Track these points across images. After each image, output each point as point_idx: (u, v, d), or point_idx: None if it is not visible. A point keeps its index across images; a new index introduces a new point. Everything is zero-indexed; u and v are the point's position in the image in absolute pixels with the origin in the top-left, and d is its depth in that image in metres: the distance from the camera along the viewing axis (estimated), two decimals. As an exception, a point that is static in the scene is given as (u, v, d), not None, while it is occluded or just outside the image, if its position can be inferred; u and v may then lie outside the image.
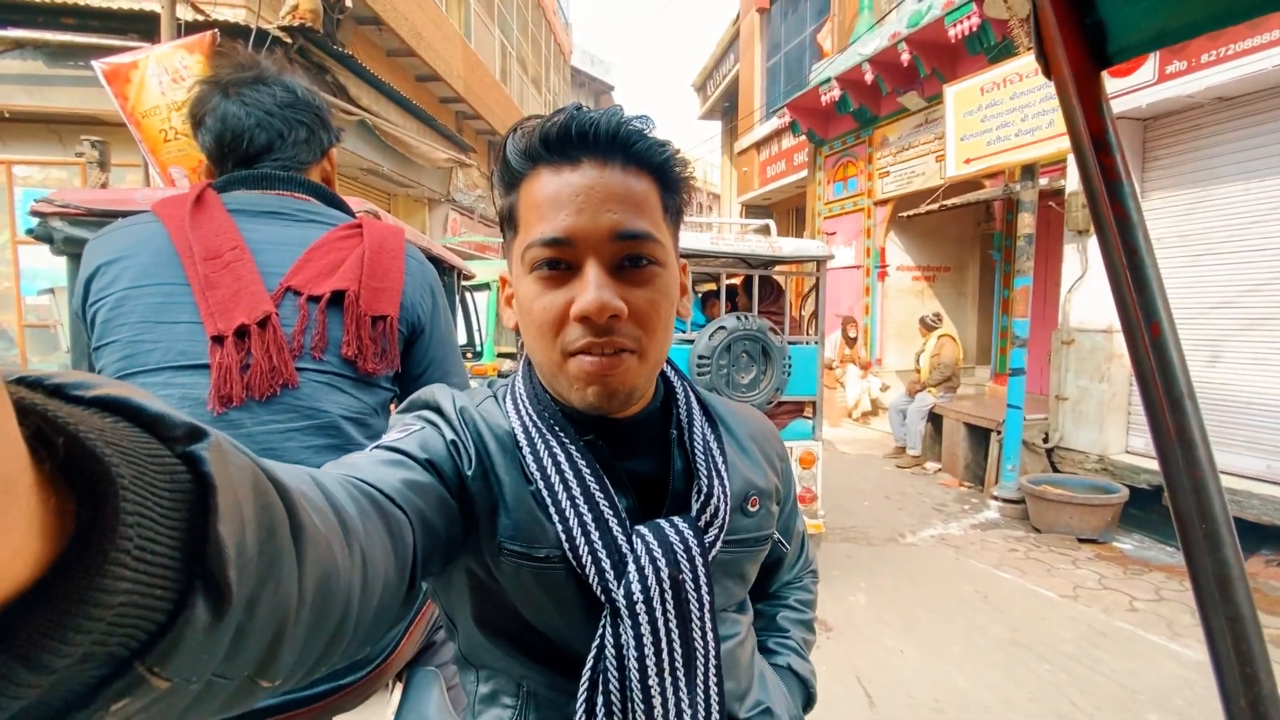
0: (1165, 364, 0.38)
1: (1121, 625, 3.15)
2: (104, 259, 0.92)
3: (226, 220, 0.93)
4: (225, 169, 1.03)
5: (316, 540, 0.33)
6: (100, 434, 0.21)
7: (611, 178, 0.56)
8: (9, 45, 5.13)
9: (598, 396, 0.57)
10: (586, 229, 0.55)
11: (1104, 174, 0.39)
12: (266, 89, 1.01)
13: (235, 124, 0.99)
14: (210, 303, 0.88)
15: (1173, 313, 0.39)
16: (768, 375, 3.27)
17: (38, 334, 5.63)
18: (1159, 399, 0.38)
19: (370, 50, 7.68)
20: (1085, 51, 0.41)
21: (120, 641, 0.21)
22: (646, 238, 0.56)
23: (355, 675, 0.93)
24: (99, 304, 0.90)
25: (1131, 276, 0.38)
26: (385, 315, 0.97)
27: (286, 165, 1.02)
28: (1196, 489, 0.37)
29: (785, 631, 0.83)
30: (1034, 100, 4.51)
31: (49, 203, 1.63)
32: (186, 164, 4.12)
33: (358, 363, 0.95)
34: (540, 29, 15.70)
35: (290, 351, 0.90)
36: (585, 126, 0.55)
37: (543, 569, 0.57)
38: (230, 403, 0.86)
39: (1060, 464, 5.08)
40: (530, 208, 0.57)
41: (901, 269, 8.83)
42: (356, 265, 0.97)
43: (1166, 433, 0.38)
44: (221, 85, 1.01)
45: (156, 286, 0.90)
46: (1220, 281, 4.31)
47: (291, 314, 0.92)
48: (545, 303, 0.56)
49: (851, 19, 8.94)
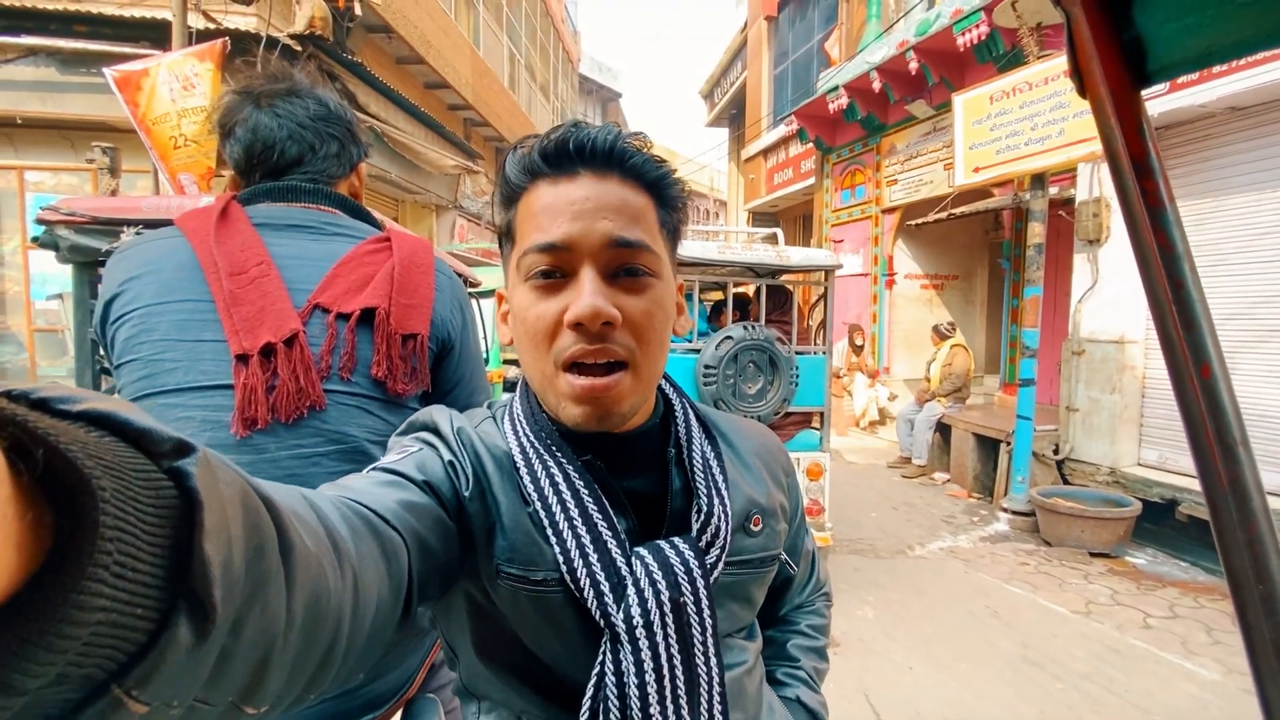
0: (1217, 408, 0.35)
1: (1135, 643, 3.09)
2: (126, 276, 0.88)
3: (252, 234, 0.90)
4: (252, 180, 1.00)
5: (307, 561, 0.32)
6: (83, 447, 0.20)
7: (608, 189, 0.57)
8: (22, 52, 5.18)
9: (587, 417, 0.56)
10: (582, 235, 0.55)
11: (1146, 200, 0.37)
12: (299, 101, 0.99)
13: (267, 135, 0.96)
14: (235, 320, 0.84)
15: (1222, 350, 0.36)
16: (775, 385, 3.24)
17: (47, 339, 5.67)
18: (1209, 446, 0.35)
19: (380, 58, 7.73)
20: (1123, 69, 0.39)
21: (97, 663, 0.20)
22: (642, 247, 0.57)
23: (373, 714, 0.88)
24: (120, 322, 0.87)
25: (1178, 313, 0.35)
26: (416, 334, 0.93)
27: (315, 179, 1.00)
28: (1252, 544, 0.35)
29: (795, 661, 0.80)
30: (1044, 109, 4.48)
31: (55, 210, 1.63)
32: (195, 171, 4.14)
33: (387, 384, 0.91)
34: (548, 37, 15.79)
35: (318, 372, 0.87)
36: (583, 140, 0.56)
37: (540, 592, 0.56)
38: (254, 425, 0.83)
39: (1071, 476, 5.02)
40: (527, 219, 0.58)
41: (909, 277, 8.78)
42: (386, 281, 0.93)
43: (1219, 482, 0.35)
44: (254, 96, 0.98)
45: (180, 303, 0.86)
46: (1233, 293, 4.25)
47: (319, 332, 0.89)
48: (539, 310, 0.56)
49: (859, 27, 8.94)
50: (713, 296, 4.67)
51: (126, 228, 1.57)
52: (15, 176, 5.52)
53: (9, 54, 5.18)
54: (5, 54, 5.18)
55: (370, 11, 6.66)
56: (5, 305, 5.61)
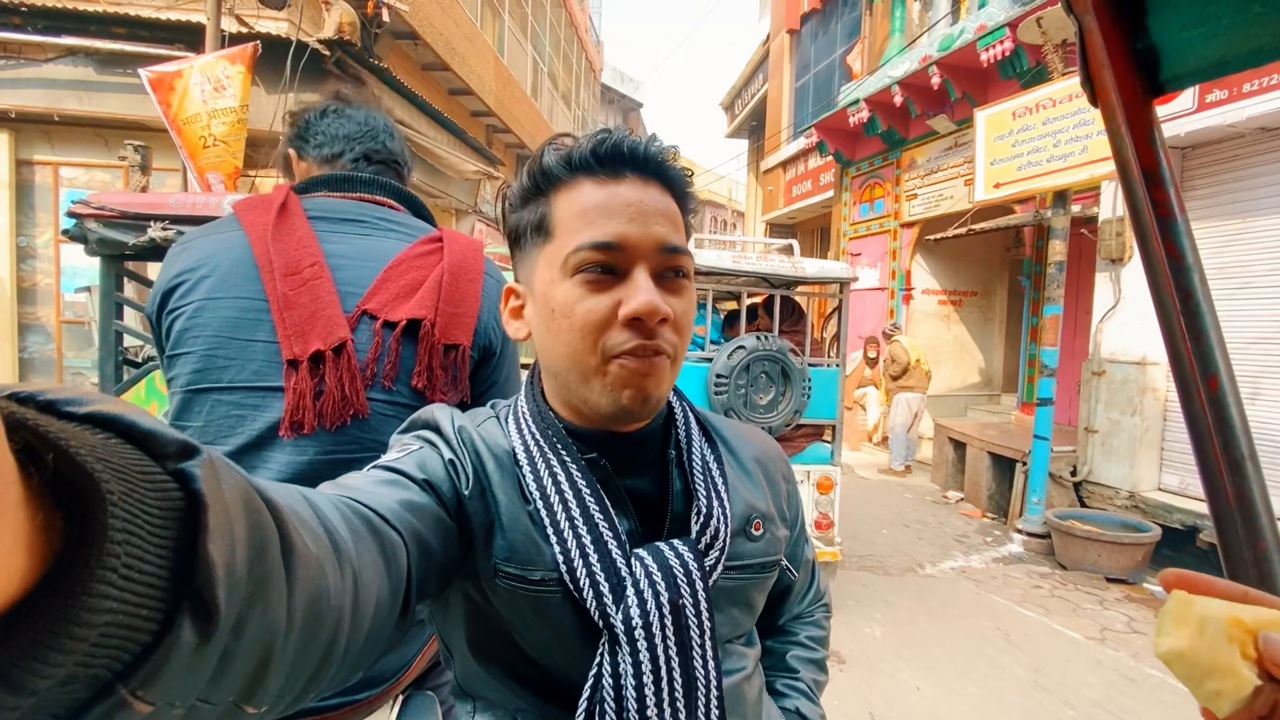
0: (1224, 421, 0.34)
1: (1151, 672, 3.01)
2: (184, 268, 0.91)
3: (307, 232, 0.92)
4: (316, 171, 1.04)
5: (307, 561, 0.32)
6: (91, 450, 0.20)
7: (654, 196, 0.59)
8: (62, 52, 5.34)
9: (632, 400, 0.57)
10: (639, 237, 0.57)
11: (1155, 209, 0.36)
12: (373, 115, 1.07)
13: (352, 129, 1.03)
14: (287, 324, 0.86)
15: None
16: (787, 397, 3.22)
17: (74, 330, 5.81)
18: (1216, 460, 0.35)
19: (406, 64, 7.86)
20: (1136, 78, 0.38)
21: (103, 664, 0.20)
22: (685, 252, 0.60)
23: (370, 691, 0.90)
24: (176, 313, 0.89)
25: (1186, 323, 0.34)
26: (458, 344, 0.94)
27: (377, 172, 1.04)
28: (1259, 563, 0.33)
29: (795, 672, 0.79)
30: (1067, 126, 4.43)
31: (85, 204, 1.67)
32: (223, 170, 4.24)
33: (427, 393, 0.92)
34: (572, 46, 15.95)
35: (362, 380, 0.88)
36: (635, 145, 0.59)
37: (538, 592, 0.56)
38: (302, 429, 0.85)
39: (1088, 499, 4.92)
40: (574, 215, 0.58)
41: (927, 292, 8.70)
42: (434, 290, 0.94)
43: (1225, 498, 0.34)
44: (336, 99, 1.07)
45: (234, 300, 0.88)
46: (1260, 316, 4.16)
47: (366, 339, 0.90)
48: (590, 304, 0.56)
49: (882, 41, 8.93)
50: (727, 306, 4.66)
51: (153, 223, 1.61)
52: (50, 172, 5.68)
53: (49, 53, 5.35)
54: (45, 53, 5.35)
55: (398, 18, 6.78)
56: (36, 297, 5.76)
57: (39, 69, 5.37)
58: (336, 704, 0.88)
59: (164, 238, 1.59)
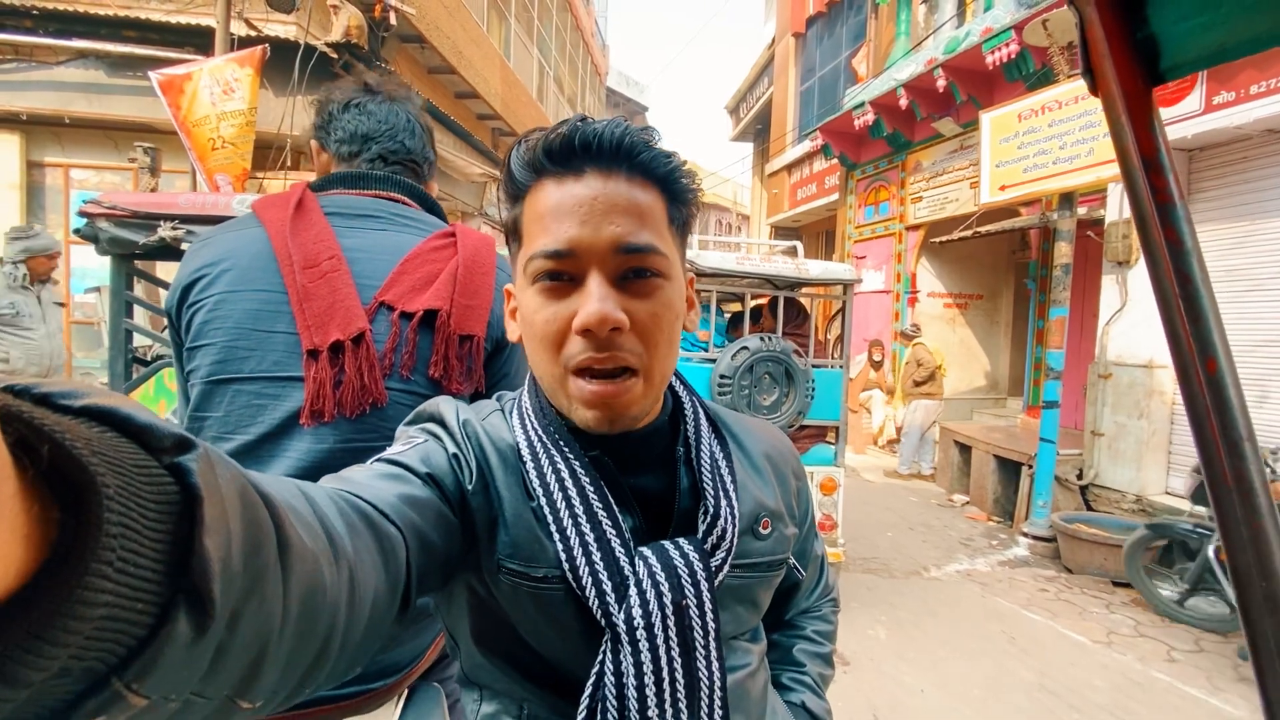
0: (1222, 403, 0.35)
1: (1159, 676, 2.99)
2: (205, 262, 0.92)
3: (325, 227, 0.94)
4: (335, 166, 1.05)
5: (303, 556, 0.32)
6: (87, 443, 0.20)
7: (615, 189, 0.55)
8: (73, 55, 5.40)
9: (598, 421, 0.56)
10: (589, 241, 0.54)
11: (1155, 196, 0.37)
12: (395, 111, 1.07)
13: (375, 125, 1.03)
14: (307, 315, 0.88)
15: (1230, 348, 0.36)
16: (790, 398, 3.22)
17: (83, 330, 5.86)
18: (1214, 441, 0.35)
19: (413, 67, 7.90)
20: (1136, 67, 0.38)
21: (98, 656, 0.20)
22: (650, 251, 0.55)
23: (385, 680, 0.91)
24: (196, 307, 0.91)
25: (1185, 307, 0.35)
26: (473, 335, 0.96)
27: (394, 172, 1.05)
28: (1256, 541, 0.34)
29: (801, 666, 0.79)
30: (1073, 128, 4.42)
31: (97, 204, 1.69)
32: (231, 171, 4.27)
33: (443, 383, 0.94)
34: (578, 50, 16.01)
35: (381, 369, 0.90)
36: (588, 137, 0.54)
37: (541, 589, 0.55)
38: (322, 418, 0.86)
39: (1095, 502, 4.89)
40: (533, 219, 0.56)
41: (933, 295, 8.68)
42: (449, 282, 0.96)
43: (1223, 478, 0.35)
44: (365, 90, 1.07)
45: (254, 293, 0.90)
46: (1268, 318, 4.14)
47: (384, 329, 0.92)
48: (547, 315, 0.55)
49: (888, 45, 8.93)
50: (732, 308, 4.67)
51: (163, 222, 1.63)
52: (61, 174, 5.74)
53: (60, 56, 5.41)
54: (56, 56, 5.41)
55: (405, 22, 6.83)
56: (45, 297, 5.80)
57: (50, 72, 5.43)
58: (354, 692, 0.88)
59: (174, 237, 1.61)
